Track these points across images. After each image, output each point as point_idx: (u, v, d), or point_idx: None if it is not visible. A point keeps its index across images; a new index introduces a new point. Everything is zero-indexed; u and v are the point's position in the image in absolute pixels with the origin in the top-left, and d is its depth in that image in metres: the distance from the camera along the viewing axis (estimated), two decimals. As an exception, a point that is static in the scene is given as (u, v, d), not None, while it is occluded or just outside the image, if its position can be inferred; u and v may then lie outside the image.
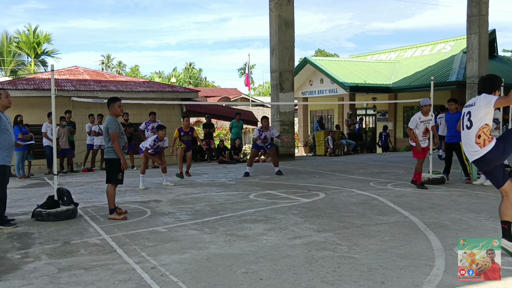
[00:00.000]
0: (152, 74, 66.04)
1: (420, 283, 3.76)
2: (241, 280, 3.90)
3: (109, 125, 6.49)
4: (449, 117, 9.54)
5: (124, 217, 6.42)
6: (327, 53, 61.10)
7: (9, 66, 39.01)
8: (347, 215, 6.37)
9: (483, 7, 18.97)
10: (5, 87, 14.64)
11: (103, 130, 6.65)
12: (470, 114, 4.58)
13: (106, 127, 6.52)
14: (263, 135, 11.41)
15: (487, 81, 4.67)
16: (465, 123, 4.63)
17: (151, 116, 14.34)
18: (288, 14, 15.83)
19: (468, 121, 4.57)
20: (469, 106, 4.65)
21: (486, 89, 4.60)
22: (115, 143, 6.43)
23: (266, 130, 11.41)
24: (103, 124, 6.74)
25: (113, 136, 6.43)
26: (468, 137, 4.59)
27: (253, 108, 33.34)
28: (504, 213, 4.63)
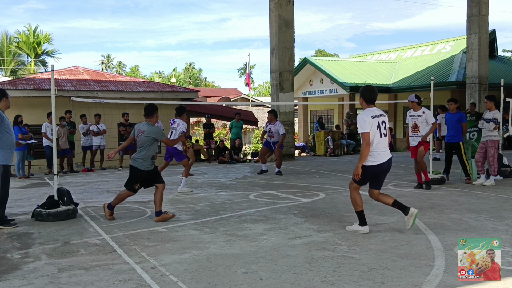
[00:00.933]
0: (152, 74, 66.07)
1: (420, 283, 3.76)
2: (241, 280, 3.90)
3: (158, 134, 6.34)
4: (449, 117, 9.53)
5: (113, 218, 6.38)
6: (327, 53, 61.10)
7: (9, 66, 39.01)
8: (347, 215, 6.37)
9: (483, 7, 18.97)
10: (5, 87, 14.66)
11: (145, 138, 6.23)
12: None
13: (153, 136, 6.25)
14: (268, 127, 11.51)
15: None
16: None
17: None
18: (288, 14, 15.83)
19: None
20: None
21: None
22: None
23: (272, 123, 11.35)
24: (146, 132, 6.24)
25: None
26: None
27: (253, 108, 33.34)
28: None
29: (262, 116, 32.81)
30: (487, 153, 8.98)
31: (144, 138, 6.21)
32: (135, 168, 6.24)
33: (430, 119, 8.42)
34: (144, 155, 6.23)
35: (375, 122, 5.20)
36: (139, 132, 6.31)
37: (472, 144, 9.89)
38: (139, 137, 6.28)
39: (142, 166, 6.23)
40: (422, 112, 8.45)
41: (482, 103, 18.99)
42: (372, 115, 5.21)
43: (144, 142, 6.21)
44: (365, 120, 5.15)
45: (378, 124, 5.23)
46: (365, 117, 5.17)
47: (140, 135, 6.26)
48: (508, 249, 4.61)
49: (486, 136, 9.03)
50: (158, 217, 6.21)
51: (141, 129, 6.30)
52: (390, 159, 5.32)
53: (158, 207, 6.23)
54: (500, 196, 7.67)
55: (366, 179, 5.34)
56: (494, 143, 8.97)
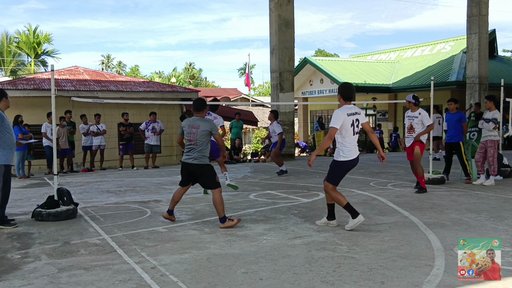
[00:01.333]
0: (152, 74, 66.06)
1: (420, 283, 3.76)
2: (241, 280, 3.90)
3: (214, 128, 5.93)
4: (449, 117, 9.53)
5: (239, 219, 5.94)
6: (327, 53, 61.10)
7: (9, 66, 39.02)
8: (347, 215, 6.35)
9: (483, 7, 18.97)
10: (5, 87, 14.66)
11: (203, 133, 5.83)
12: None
13: (210, 130, 5.86)
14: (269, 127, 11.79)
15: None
16: None
17: (152, 116, 14.33)
18: (288, 14, 15.83)
19: None
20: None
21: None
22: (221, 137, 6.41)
23: (271, 123, 11.48)
24: (202, 126, 5.83)
25: (218, 138, 6.10)
26: None
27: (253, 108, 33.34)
28: None
29: (262, 116, 32.83)
30: (487, 153, 8.98)
31: (202, 133, 5.80)
32: (209, 164, 5.88)
33: (426, 121, 8.16)
34: (206, 150, 5.87)
35: (349, 119, 5.40)
36: (191, 128, 5.86)
37: (472, 144, 9.89)
38: (194, 134, 5.82)
39: (207, 160, 5.91)
40: (418, 113, 8.21)
41: (482, 103, 18.99)
42: (348, 113, 5.41)
43: (201, 137, 5.81)
44: (340, 116, 5.35)
45: (353, 122, 5.42)
46: (340, 113, 5.38)
47: (195, 131, 5.81)
48: (508, 249, 4.61)
49: (486, 136, 9.03)
50: (223, 224, 5.78)
51: (194, 125, 5.86)
52: (358, 156, 5.57)
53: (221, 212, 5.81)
54: (500, 196, 7.67)
55: (341, 175, 5.55)
56: (494, 143, 8.97)
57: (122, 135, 14.07)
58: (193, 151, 5.83)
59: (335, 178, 5.53)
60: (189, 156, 5.87)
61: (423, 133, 8.16)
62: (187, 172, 5.98)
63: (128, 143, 14.23)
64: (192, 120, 5.95)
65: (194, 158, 5.82)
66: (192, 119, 5.97)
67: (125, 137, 14.09)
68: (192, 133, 5.84)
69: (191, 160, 5.85)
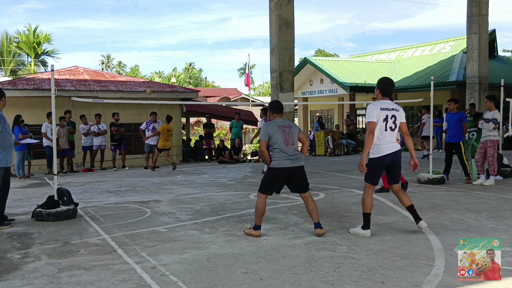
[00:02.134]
0: (152, 74, 66.05)
1: (420, 283, 3.76)
2: (241, 280, 3.90)
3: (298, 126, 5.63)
4: (450, 117, 9.53)
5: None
6: (327, 53, 61.10)
7: (9, 66, 39.01)
8: (347, 215, 6.37)
9: (483, 7, 18.97)
10: (5, 87, 14.66)
11: (297, 130, 5.50)
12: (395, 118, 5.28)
13: (299, 129, 5.56)
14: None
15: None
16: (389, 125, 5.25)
17: (152, 116, 14.33)
18: (288, 14, 15.81)
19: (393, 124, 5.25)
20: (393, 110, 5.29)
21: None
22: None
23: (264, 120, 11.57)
24: (293, 126, 5.48)
25: (303, 136, 5.59)
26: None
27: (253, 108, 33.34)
28: None
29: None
30: (487, 153, 8.98)
31: (295, 131, 5.44)
32: (302, 166, 5.46)
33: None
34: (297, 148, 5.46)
35: (382, 114, 5.19)
36: (284, 127, 5.40)
37: (472, 144, 9.89)
38: (288, 133, 5.36)
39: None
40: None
41: (482, 103, 18.99)
42: (381, 107, 5.22)
43: (296, 136, 5.41)
44: (373, 110, 5.19)
45: (386, 117, 5.20)
46: (373, 107, 5.21)
47: (288, 130, 5.38)
48: (508, 249, 4.61)
49: (486, 136, 9.03)
50: (321, 230, 5.36)
51: (285, 125, 5.45)
52: (395, 152, 5.26)
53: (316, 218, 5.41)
54: (500, 196, 7.67)
55: (375, 174, 5.26)
56: (494, 143, 8.97)
57: (114, 135, 14.05)
58: (295, 153, 5.34)
59: (369, 177, 5.25)
60: (293, 159, 5.31)
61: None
62: (286, 179, 5.39)
63: (120, 143, 14.22)
64: (281, 121, 5.50)
65: (299, 159, 5.36)
66: (277, 121, 5.48)
67: (117, 137, 14.07)
68: (286, 133, 5.37)
69: (297, 162, 5.33)
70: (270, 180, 5.40)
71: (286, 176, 5.35)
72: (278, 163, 5.31)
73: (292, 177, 5.37)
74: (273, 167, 5.35)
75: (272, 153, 5.41)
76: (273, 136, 5.34)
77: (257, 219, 5.34)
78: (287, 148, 5.30)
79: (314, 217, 5.35)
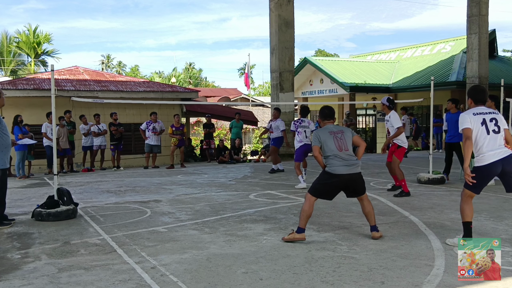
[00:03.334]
0: (152, 74, 66.05)
1: (420, 283, 3.76)
2: (241, 280, 3.90)
3: (352, 130, 5.43)
4: (450, 117, 9.53)
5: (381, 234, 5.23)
6: (327, 53, 61.10)
7: (9, 66, 39.02)
8: (347, 215, 6.37)
9: (483, 7, 18.98)
10: (5, 87, 14.66)
11: (349, 135, 5.27)
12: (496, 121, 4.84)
13: (351, 133, 5.32)
14: (269, 124, 11.92)
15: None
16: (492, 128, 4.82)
17: (152, 116, 14.32)
18: (288, 14, 15.83)
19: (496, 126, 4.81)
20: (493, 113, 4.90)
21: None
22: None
23: (274, 120, 11.75)
24: (345, 130, 5.30)
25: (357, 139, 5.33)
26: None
27: (253, 108, 33.33)
28: None
29: (262, 116, 32.81)
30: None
31: (348, 135, 5.23)
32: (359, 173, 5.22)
33: (395, 123, 7.97)
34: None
35: (478, 118, 4.79)
36: (336, 133, 5.22)
37: (472, 144, 9.88)
38: (340, 138, 5.17)
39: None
40: (389, 116, 8.10)
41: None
42: (474, 112, 4.86)
43: (349, 141, 5.21)
44: (465, 117, 4.84)
45: (483, 121, 4.78)
46: (465, 115, 4.88)
47: (340, 135, 5.20)
48: (508, 249, 4.61)
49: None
50: (378, 233, 5.16)
51: (337, 130, 5.27)
52: (506, 157, 4.82)
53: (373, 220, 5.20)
54: (500, 196, 7.67)
55: (480, 183, 4.89)
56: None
57: (113, 135, 14.05)
58: (351, 159, 5.12)
59: (472, 185, 4.86)
60: (349, 165, 5.08)
61: (393, 137, 7.97)
62: (342, 186, 5.18)
63: (119, 143, 14.23)
64: (330, 128, 5.31)
65: (356, 165, 5.12)
66: (328, 127, 5.32)
67: (116, 137, 14.07)
68: (339, 138, 5.18)
69: (354, 169, 5.10)
70: (323, 184, 5.17)
71: (343, 183, 5.13)
72: (333, 169, 5.09)
73: (349, 184, 5.15)
74: (328, 172, 5.12)
75: (326, 160, 5.19)
76: (325, 143, 5.17)
77: (301, 222, 5.09)
78: (341, 154, 5.10)
79: (370, 220, 5.17)
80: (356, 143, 5.31)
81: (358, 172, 5.13)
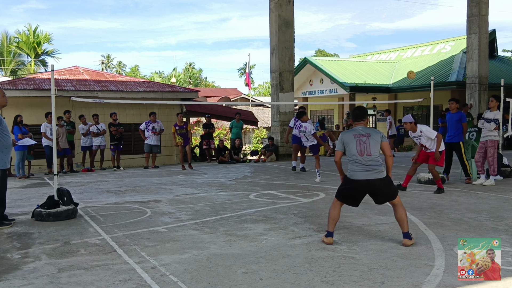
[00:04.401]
0: (152, 74, 66.05)
1: (420, 283, 3.76)
2: (241, 280, 3.90)
3: (382, 135, 5.09)
4: (450, 117, 9.53)
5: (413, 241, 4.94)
6: (327, 53, 61.11)
7: (9, 66, 39.01)
8: (347, 215, 6.37)
9: (483, 7, 18.98)
10: (5, 87, 14.65)
11: (375, 142, 4.98)
12: None
13: (380, 138, 5.02)
14: (293, 123, 11.16)
15: None
16: None
17: (152, 116, 14.33)
18: (288, 14, 15.83)
19: None
20: None
21: None
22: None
23: (303, 121, 10.65)
24: (372, 134, 5.02)
25: (386, 145, 5.05)
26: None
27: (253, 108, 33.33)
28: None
29: (262, 116, 32.82)
30: (487, 153, 8.97)
31: (374, 140, 4.97)
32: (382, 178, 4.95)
33: (431, 135, 8.12)
34: (380, 159, 5.00)
35: None
36: (361, 136, 5.01)
37: (472, 144, 9.89)
38: (364, 142, 4.96)
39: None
40: (420, 131, 8.16)
41: (483, 103, 19.01)
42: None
43: (373, 145, 4.98)
44: None
45: None
46: None
47: (365, 139, 4.97)
48: (508, 249, 4.61)
49: (486, 136, 9.02)
50: (409, 241, 4.87)
51: (364, 133, 5.01)
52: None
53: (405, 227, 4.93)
54: (500, 196, 7.67)
55: None
56: (494, 143, 8.97)
57: (113, 135, 14.05)
58: (371, 164, 4.89)
59: None
60: (369, 170, 4.88)
61: (439, 146, 8.13)
62: (364, 191, 4.99)
63: (119, 143, 14.21)
64: (357, 130, 5.07)
65: (377, 170, 4.88)
66: (356, 129, 5.09)
67: (116, 137, 14.06)
68: (362, 142, 4.97)
69: (374, 174, 4.86)
70: (343, 189, 5.07)
71: (363, 188, 4.93)
72: (351, 174, 4.96)
73: (372, 189, 4.93)
74: (347, 177, 5.03)
75: (348, 164, 5.08)
76: (347, 145, 5.05)
77: (328, 225, 5.02)
78: (361, 158, 4.91)
79: (402, 227, 4.91)
80: (383, 151, 5.02)
81: (379, 178, 4.86)
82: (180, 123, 13.80)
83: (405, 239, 4.86)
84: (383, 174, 4.91)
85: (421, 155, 8.48)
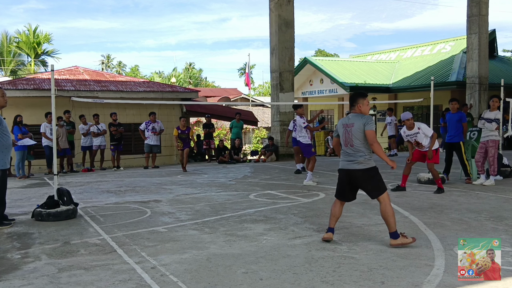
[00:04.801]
0: (152, 74, 66.04)
1: (420, 283, 3.76)
2: (241, 280, 3.90)
3: (367, 122, 4.82)
4: (450, 117, 9.53)
5: (414, 239, 4.85)
6: (327, 53, 61.11)
7: (9, 66, 39.01)
8: (347, 215, 6.37)
9: (483, 7, 18.98)
10: (5, 87, 14.65)
11: (356, 131, 4.83)
12: None
13: (362, 126, 4.81)
14: (292, 126, 11.15)
15: None
16: None
17: (151, 116, 14.33)
18: (288, 14, 15.84)
19: None
20: None
21: None
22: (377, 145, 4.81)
23: (298, 114, 10.45)
24: (356, 124, 4.85)
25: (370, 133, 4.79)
26: None
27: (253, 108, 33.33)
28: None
29: (262, 116, 32.83)
30: (488, 153, 8.97)
31: (356, 129, 4.83)
32: (374, 167, 4.91)
33: (428, 132, 8.21)
34: (366, 150, 4.87)
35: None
36: (347, 126, 4.92)
37: (472, 144, 9.89)
38: (349, 132, 4.88)
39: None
40: (418, 128, 8.25)
41: (482, 103, 19.01)
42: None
43: (355, 135, 4.84)
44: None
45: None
46: None
47: (350, 129, 4.89)
48: (508, 249, 4.61)
49: (487, 136, 9.02)
50: (394, 241, 4.77)
51: (350, 123, 4.90)
52: None
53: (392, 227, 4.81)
54: (500, 196, 7.67)
55: None
56: (495, 143, 8.96)
57: (113, 135, 14.04)
58: (352, 154, 4.85)
59: None
60: (349, 161, 4.86)
61: (433, 144, 8.22)
62: (350, 183, 4.95)
63: (119, 143, 14.20)
64: (346, 120, 4.99)
65: (356, 161, 4.81)
66: (346, 118, 5.02)
67: (116, 137, 14.05)
68: (348, 132, 4.89)
69: (352, 165, 4.83)
70: (338, 183, 5.08)
71: (345, 178, 4.92)
72: (340, 164, 4.97)
73: (352, 180, 4.90)
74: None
75: None
76: (340, 134, 5.00)
77: (329, 221, 5.08)
78: (345, 149, 4.90)
79: (387, 226, 4.84)
80: (368, 141, 4.82)
81: (359, 169, 4.79)
82: (182, 127, 13.48)
83: (390, 239, 4.79)
84: (365, 166, 4.82)
85: (415, 154, 8.54)
